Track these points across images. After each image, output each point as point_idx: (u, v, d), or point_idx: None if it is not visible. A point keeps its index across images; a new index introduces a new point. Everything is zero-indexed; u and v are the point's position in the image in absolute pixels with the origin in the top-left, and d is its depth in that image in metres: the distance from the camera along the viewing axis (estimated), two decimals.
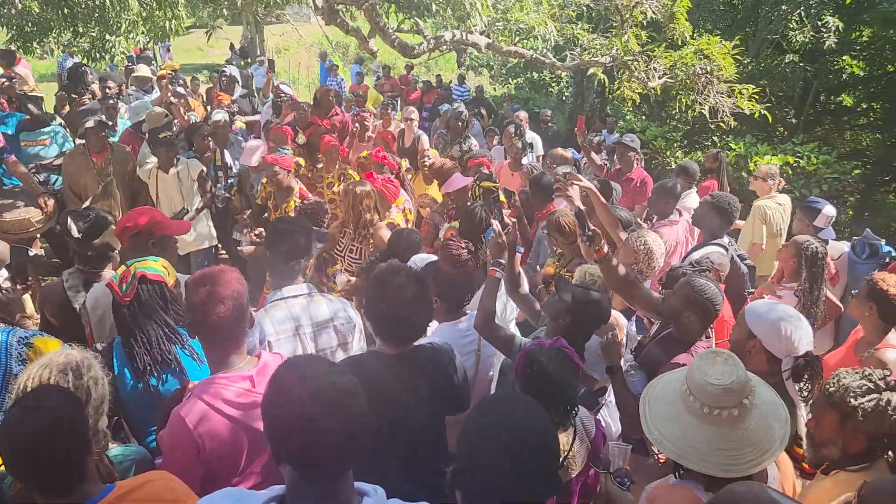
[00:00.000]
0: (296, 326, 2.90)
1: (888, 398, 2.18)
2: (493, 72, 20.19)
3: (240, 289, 2.26)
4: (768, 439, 2.01)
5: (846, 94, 14.89)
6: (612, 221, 4.29)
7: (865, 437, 2.20)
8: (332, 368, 1.57)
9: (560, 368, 2.40)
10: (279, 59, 22.57)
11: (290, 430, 1.48)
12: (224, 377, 2.21)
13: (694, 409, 2.02)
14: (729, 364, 2.04)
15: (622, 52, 6.62)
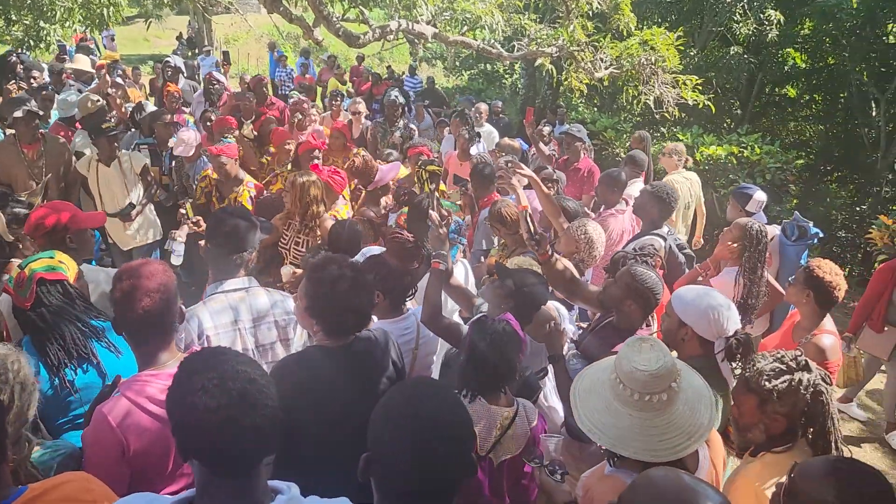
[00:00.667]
0: (234, 320, 2.84)
1: (800, 377, 2.25)
2: (446, 63, 20.14)
3: (166, 281, 2.18)
4: (696, 423, 2.04)
5: (790, 86, 15.26)
6: (553, 211, 4.30)
7: (784, 417, 2.25)
8: (238, 359, 1.52)
9: (508, 338, 2.46)
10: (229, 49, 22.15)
11: (195, 424, 1.44)
12: (150, 374, 2.14)
13: (624, 397, 2.04)
14: (655, 350, 2.06)
15: (568, 42, 6.63)
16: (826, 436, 2.25)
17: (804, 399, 2.24)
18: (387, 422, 1.47)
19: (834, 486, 1.72)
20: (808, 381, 2.23)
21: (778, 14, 10.70)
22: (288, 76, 13.59)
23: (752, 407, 2.33)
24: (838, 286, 3.52)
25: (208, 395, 1.43)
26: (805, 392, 2.22)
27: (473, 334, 2.49)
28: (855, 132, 13.56)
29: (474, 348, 2.45)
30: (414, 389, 1.58)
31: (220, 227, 2.93)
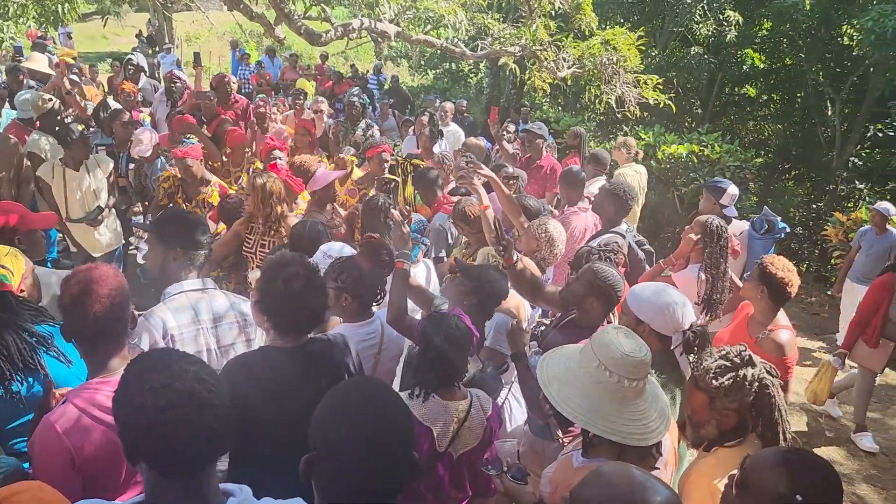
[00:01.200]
0: (196, 319, 2.80)
1: (744, 373, 2.29)
2: (411, 62, 20.10)
3: (117, 286, 2.13)
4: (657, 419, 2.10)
5: (749, 85, 15.57)
6: (513, 210, 4.31)
7: (734, 413, 2.29)
8: (187, 359, 1.50)
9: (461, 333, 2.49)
10: (190, 47, 21.77)
11: (144, 426, 1.41)
12: (100, 381, 2.08)
13: (605, 382, 2.09)
14: (633, 338, 2.15)
15: (531, 41, 6.65)
16: (774, 427, 2.29)
17: (750, 394, 2.28)
18: (327, 420, 1.45)
19: (784, 477, 1.75)
20: (753, 376, 2.27)
21: (737, 15, 10.92)
22: (251, 74, 13.43)
23: (702, 404, 2.38)
24: (791, 282, 3.59)
25: (156, 395, 1.40)
26: (750, 387, 2.27)
27: (427, 330, 2.50)
28: (811, 131, 13.89)
29: (429, 344, 2.46)
30: (356, 388, 1.56)
31: (168, 227, 2.89)
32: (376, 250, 3.32)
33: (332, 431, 1.42)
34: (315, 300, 2.40)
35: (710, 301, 4.33)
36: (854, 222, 7.79)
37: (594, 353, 2.14)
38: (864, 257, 6.63)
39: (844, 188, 12.58)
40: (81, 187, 5.52)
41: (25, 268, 2.57)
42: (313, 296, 2.39)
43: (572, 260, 3.95)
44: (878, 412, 5.90)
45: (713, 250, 4.23)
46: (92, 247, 5.68)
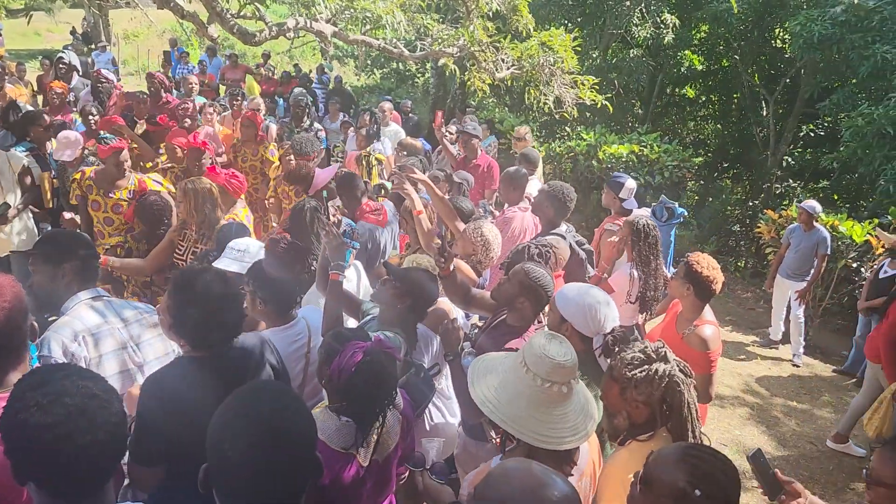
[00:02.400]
0: (104, 321, 2.74)
1: (657, 368, 2.33)
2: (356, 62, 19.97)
3: (14, 296, 2.00)
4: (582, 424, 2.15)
5: (688, 86, 15.94)
6: (449, 213, 4.31)
7: (644, 405, 2.33)
8: (81, 374, 1.44)
9: (389, 370, 2.34)
10: (127, 45, 21.22)
11: (28, 444, 1.35)
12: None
13: (526, 381, 2.09)
14: (563, 345, 2.15)
15: (470, 42, 6.67)
16: (684, 424, 2.34)
17: (659, 388, 2.33)
18: (224, 428, 1.40)
19: (684, 472, 1.78)
20: (664, 372, 2.31)
21: (674, 18, 11.16)
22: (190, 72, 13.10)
23: (615, 394, 2.41)
24: (716, 280, 3.69)
25: (42, 412, 1.34)
26: (660, 381, 2.31)
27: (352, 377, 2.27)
28: (748, 131, 14.30)
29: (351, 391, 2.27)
30: (252, 393, 1.52)
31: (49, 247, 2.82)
32: (281, 252, 3.27)
33: (225, 441, 1.38)
34: (227, 315, 2.33)
35: (644, 298, 4.44)
36: (785, 220, 8.04)
37: (522, 352, 2.17)
38: (794, 253, 6.86)
39: (779, 186, 13.01)
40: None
41: None
42: (225, 312, 2.32)
43: (506, 260, 3.97)
44: (808, 403, 6.10)
45: (641, 248, 4.39)
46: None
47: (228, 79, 12.43)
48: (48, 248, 2.81)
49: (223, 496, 1.41)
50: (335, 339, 2.53)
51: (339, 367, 2.32)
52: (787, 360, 6.98)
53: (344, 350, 2.35)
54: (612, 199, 5.39)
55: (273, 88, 12.94)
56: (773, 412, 5.86)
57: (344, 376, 2.29)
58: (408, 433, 2.65)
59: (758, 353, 7.16)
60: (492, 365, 2.28)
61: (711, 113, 16.45)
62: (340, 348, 2.39)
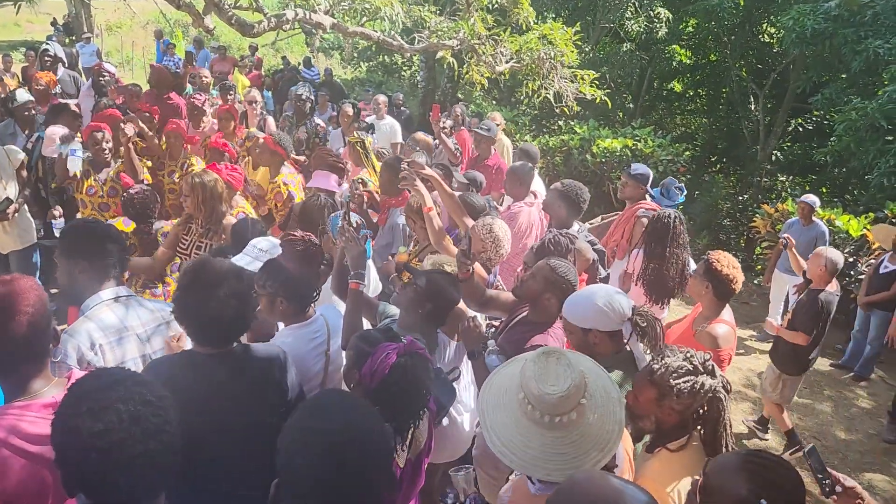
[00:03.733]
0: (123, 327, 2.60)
1: (703, 381, 2.27)
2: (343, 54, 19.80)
3: (36, 300, 1.92)
4: (607, 432, 2.00)
5: (676, 81, 16.01)
6: (457, 210, 4.23)
7: (678, 414, 2.28)
8: (135, 379, 1.36)
9: (422, 372, 2.27)
10: (110, 37, 20.85)
11: (78, 451, 1.28)
12: (20, 406, 1.87)
13: (534, 418, 1.95)
14: (562, 364, 1.98)
15: (469, 35, 6.60)
16: (718, 440, 2.29)
17: (701, 403, 2.28)
18: (296, 442, 1.33)
19: (747, 480, 1.73)
20: (710, 388, 2.26)
21: (667, 12, 11.15)
22: (176, 66, 12.89)
23: (650, 398, 2.34)
24: (736, 279, 3.64)
25: (93, 418, 1.28)
26: (704, 396, 2.26)
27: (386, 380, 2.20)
28: (736, 125, 14.39)
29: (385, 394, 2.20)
30: (324, 404, 1.44)
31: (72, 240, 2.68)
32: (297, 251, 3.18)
33: (298, 455, 1.30)
34: (235, 312, 2.23)
35: (648, 283, 4.42)
36: (781, 214, 8.07)
37: (521, 383, 2.01)
38: None
39: (768, 180, 13.09)
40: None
41: None
42: (235, 306, 2.22)
43: (527, 254, 3.91)
44: (808, 398, 6.12)
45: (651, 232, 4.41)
46: (1, 243, 5.32)
47: (217, 71, 12.20)
48: (68, 241, 2.68)
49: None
50: (364, 342, 2.43)
51: (371, 369, 2.24)
52: None
53: (375, 352, 2.27)
54: (636, 190, 5.26)
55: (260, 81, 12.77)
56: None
57: (377, 379, 2.22)
58: (431, 430, 2.61)
59: (756, 347, 7.17)
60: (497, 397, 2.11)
61: (699, 107, 16.55)
62: (370, 350, 2.31)
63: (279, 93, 12.69)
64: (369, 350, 2.32)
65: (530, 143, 6.82)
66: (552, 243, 3.75)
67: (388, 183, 4.83)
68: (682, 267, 4.43)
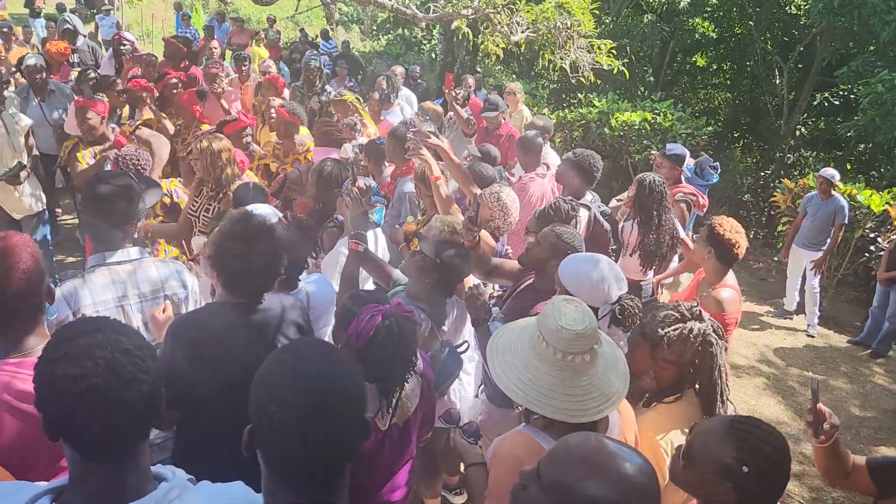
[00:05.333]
0: (120, 296, 2.59)
1: (691, 327, 2.27)
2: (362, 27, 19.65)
3: (31, 257, 1.93)
4: (612, 387, 2.00)
5: (699, 54, 15.68)
6: (464, 179, 4.20)
7: (674, 365, 2.27)
8: (116, 327, 1.36)
9: (408, 334, 2.27)
10: (131, 9, 20.88)
11: (56, 396, 1.28)
12: (13, 363, 1.88)
13: (546, 356, 1.95)
14: (579, 310, 1.99)
15: (484, 4, 6.51)
16: (713, 387, 2.28)
17: (693, 348, 2.26)
18: (270, 388, 1.32)
19: (731, 447, 1.70)
20: (699, 331, 2.25)
21: None
22: (193, 35, 12.89)
23: (644, 354, 2.36)
24: (738, 244, 3.59)
25: (70, 363, 1.27)
26: (694, 341, 2.25)
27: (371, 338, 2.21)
28: (760, 100, 14.08)
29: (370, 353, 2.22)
30: (297, 351, 1.43)
31: (97, 196, 2.60)
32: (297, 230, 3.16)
33: (272, 401, 1.29)
34: (267, 265, 2.30)
35: (645, 252, 4.38)
36: (802, 189, 7.92)
37: (537, 322, 2.03)
38: (811, 222, 6.75)
39: (791, 156, 12.85)
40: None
41: None
42: (266, 261, 2.28)
43: (530, 220, 3.89)
44: (824, 374, 6.05)
45: (644, 202, 4.35)
46: (13, 208, 5.36)
47: (234, 43, 12.19)
48: (94, 193, 2.62)
49: (269, 459, 1.34)
50: (352, 301, 2.43)
51: (356, 330, 2.24)
52: (802, 330, 6.92)
53: (361, 313, 2.27)
54: (671, 170, 5.25)
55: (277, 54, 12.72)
56: (789, 382, 5.82)
57: (362, 340, 2.22)
58: (429, 396, 2.60)
59: (772, 323, 7.09)
60: (510, 341, 2.13)
61: (722, 81, 16.21)
62: (357, 311, 2.32)
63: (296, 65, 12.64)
64: (356, 311, 2.32)
65: (543, 116, 6.73)
66: (553, 209, 3.76)
67: (395, 152, 4.81)
68: (672, 230, 4.43)
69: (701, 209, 5.47)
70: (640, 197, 4.37)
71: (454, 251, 3.02)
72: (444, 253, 2.98)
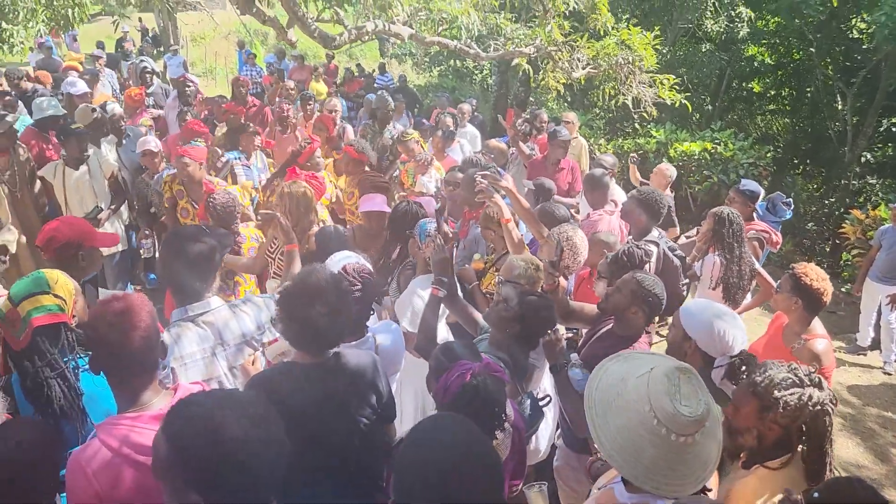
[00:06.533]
0: (205, 349, 2.67)
1: (811, 394, 2.21)
2: (415, 60, 19.99)
3: (149, 315, 2.03)
4: (711, 453, 1.98)
5: (755, 81, 15.46)
6: (532, 220, 4.25)
7: (780, 429, 2.23)
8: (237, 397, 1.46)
9: (495, 394, 2.27)
10: (195, 48, 21.72)
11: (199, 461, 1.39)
12: (130, 417, 1.97)
13: (655, 432, 1.91)
14: (693, 384, 1.95)
15: (546, 42, 6.58)
16: (822, 456, 2.23)
17: (808, 416, 2.21)
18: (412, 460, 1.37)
19: None
20: (818, 399, 2.19)
21: (749, 11, 10.80)
22: (259, 74, 13.34)
23: (751, 411, 2.29)
24: (826, 291, 3.53)
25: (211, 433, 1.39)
26: (812, 409, 2.20)
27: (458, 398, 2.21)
28: (821, 126, 13.77)
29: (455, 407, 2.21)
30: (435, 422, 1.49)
31: (184, 250, 2.71)
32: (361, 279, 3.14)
33: (418, 481, 1.35)
34: (334, 321, 2.32)
35: (727, 285, 4.41)
36: (873, 220, 7.71)
37: (648, 395, 1.95)
38: (886, 255, 6.54)
39: (856, 183, 12.49)
40: (80, 187, 5.52)
41: (75, 291, 2.49)
42: (333, 314, 2.31)
43: (601, 264, 3.89)
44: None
45: (725, 236, 4.42)
46: None
47: (295, 79, 12.57)
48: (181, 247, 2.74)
49: None
50: (444, 355, 2.47)
51: (444, 385, 2.28)
52: (878, 367, 6.69)
53: (451, 369, 2.30)
54: (743, 207, 5.25)
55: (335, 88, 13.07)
56: (867, 423, 5.62)
57: (448, 396, 2.25)
58: (520, 448, 2.60)
59: (845, 359, 6.88)
60: (607, 397, 2.07)
61: (780, 107, 15.92)
62: (449, 365, 2.35)
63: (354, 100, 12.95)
64: (447, 364, 2.36)
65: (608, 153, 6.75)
66: (626, 255, 3.71)
67: (468, 194, 4.85)
68: (751, 263, 4.51)
69: (774, 246, 5.39)
70: (719, 230, 4.42)
71: (538, 301, 2.96)
72: (528, 303, 2.92)
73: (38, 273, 2.46)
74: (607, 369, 2.23)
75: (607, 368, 2.24)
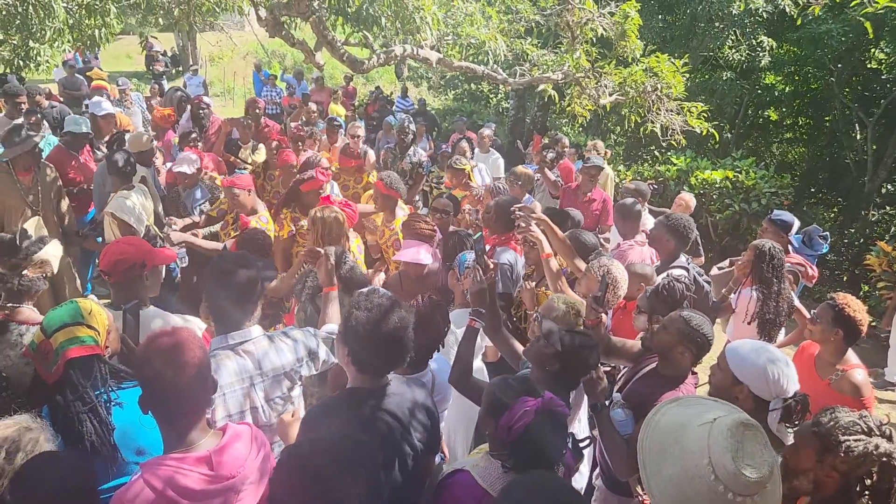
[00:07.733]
0: (244, 379, 2.58)
1: (878, 444, 2.12)
2: (431, 83, 20.09)
3: (200, 352, 1.95)
4: None
5: (771, 109, 15.45)
6: (568, 252, 4.18)
7: (839, 477, 2.14)
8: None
9: (561, 430, 2.22)
10: (213, 68, 21.92)
11: None
12: (176, 458, 1.88)
13: (715, 490, 1.83)
14: (759, 442, 1.86)
15: (573, 68, 6.56)
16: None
17: (872, 466, 2.12)
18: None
19: None
20: (885, 451, 2.10)
21: (770, 40, 10.80)
22: (278, 95, 13.40)
23: (811, 453, 2.21)
24: (865, 322, 3.51)
25: None
26: (877, 459, 2.11)
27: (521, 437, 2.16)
28: (839, 155, 13.73)
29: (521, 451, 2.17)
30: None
31: (228, 278, 2.63)
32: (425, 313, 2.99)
33: None
34: (397, 340, 2.33)
35: (763, 320, 4.28)
36: None
37: (709, 448, 1.87)
38: None
39: (876, 213, 12.40)
40: None
41: (108, 321, 2.43)
42: (399, 334, 2.33)
43: (640, 298, 3.80)
44: None
45: (764, 270, 4.27)
46: None
47: (314, 101, 12.63)
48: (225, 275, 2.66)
49: None
50: (502, 392, 2.38)
51: (508, 424, 2.19)
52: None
53: (514, 407, 2.22)
54: (776, 237, 5.10)
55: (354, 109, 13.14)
56: None
57: (514, 435, 2.17)
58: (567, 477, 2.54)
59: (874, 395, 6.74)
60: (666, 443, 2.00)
61: (798, 136, 15.90)
62: (509, 403, 2.27)
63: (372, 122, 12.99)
64: (507, 402, 2.27)
65: (640, 181, 6.69)
66: (667, 290, 3.57)
67: (496, 222, 4.78)
68: (790, 299, 4.37)
69: (809, 280, 5.29)
70: (759, 264, 4.28)
71: (580, 340, 2.83)
72: (569, 342, 2.80)
73: (72, 303, 2.40)
74: (665, 412, 2.16)
75: (665, 411, 2.16)
